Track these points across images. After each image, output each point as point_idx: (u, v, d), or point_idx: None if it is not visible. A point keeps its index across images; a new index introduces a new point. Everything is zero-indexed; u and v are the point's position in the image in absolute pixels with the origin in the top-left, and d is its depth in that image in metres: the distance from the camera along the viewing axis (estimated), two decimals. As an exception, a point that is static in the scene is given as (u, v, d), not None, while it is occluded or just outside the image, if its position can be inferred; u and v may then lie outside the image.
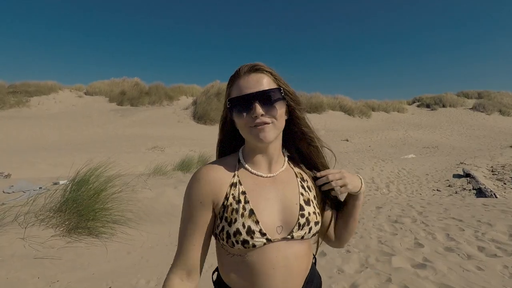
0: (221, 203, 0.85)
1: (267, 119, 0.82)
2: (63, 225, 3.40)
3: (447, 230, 3.75)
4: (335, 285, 2.55)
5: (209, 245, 0.88)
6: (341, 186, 0.92)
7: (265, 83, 0.84)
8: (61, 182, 5.06)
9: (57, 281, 2.57)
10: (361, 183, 0.99)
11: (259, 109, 0.80)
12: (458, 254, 3.04)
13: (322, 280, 1.02)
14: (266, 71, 0.86)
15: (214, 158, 1.01)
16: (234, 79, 0.87)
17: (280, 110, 0.84)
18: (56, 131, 14.80)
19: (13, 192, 4.66)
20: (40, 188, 4.76)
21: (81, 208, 3.51)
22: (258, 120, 0.81)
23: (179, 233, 0.88)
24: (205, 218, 0.85)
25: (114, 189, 4.04)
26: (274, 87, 0.85)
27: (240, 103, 0.83)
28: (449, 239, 3.46)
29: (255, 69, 0.85)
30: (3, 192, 4.67)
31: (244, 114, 0.82)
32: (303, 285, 0.88)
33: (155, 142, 13.40)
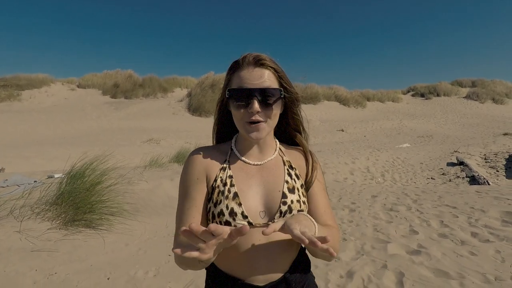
0: (211, 184, 0.89)
1: (262, 117, 0.84)
2: (60, 218, 3.39)
3: (441, 217, 3.81)
4: (331, 273, 2.58)
5: (207, 224, 0.89)
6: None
7: (267, 80, 0.85)
8: (56, 175, 5.03)
9: (55, 273, 2.57)
10: (314, 226, 0.80)
11: (256, 106, 0.82)
12: (452, 240, 3.09)
13: (319, 267, 1.03)
14: (271, 67, 0.86)
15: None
16: (236, 67, 0.87)
17: (276, 110, 0.87)
18: (49, 125, 14.63)
19: (8, 186, 4.61)
20: (35, 181, 4.73)
21: (77, 201, 3.50)
22: (253, 117, 0.83)
23: (176, 213, 0.91)
24: (202, 194, 0.89)
25: (110, 182, 4.02)
26: (275, 86, 0.86)
27: (239, 96, 0.84)
28: (443, 225, 3.52)
29: (260, 63, 0.85)
30: (-3, 186, 4.63)
31: (241, 107, 0.84)
32: (288, 269, 0.90)
33: (150, 134, 13.33)
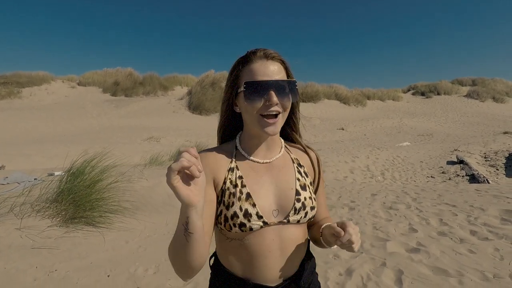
0: (220, 187, 0.86)
1: (279, 109, 0.83)
2: (60, 215, 3.40)
3: (441, 215, 3.82)
4: (331, 270, 2.59)
5: (213, 225, 0.86)
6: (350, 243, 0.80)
7: (280, 73, 0.84)
8: (56, 173, 5.04)
9: (55, 270, 2.58)
10: None
11: (275, 98, 0.81)
12: (451, 238, 3.10)
13: (318, 265, 1.05)
14: (280, 60, 0.86)
15: (210, 147, 1.00)
16: (246, 62, 0.85)
17: (291, 101, 0.85)
18: (49, 122, 14.64)
19: (8, 183, 4.63)
20: (35, 179, 4.74)
21: (78, 199, 3.51)
22: (272, 108, 0.81)
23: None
24: (209, 195, 0.84)
25: (110, 180, 4.03)
26: (288, 78, 0.86)
27: (256, 88, 0.81)
28: (442, 224, 3.53)
29: (271, 56, 0.84)
30: (-2, 184, 4.64)
31: (258, 100, 0.81)
32: (299, 267, 0.91)
33: (150, 132, 13.33)
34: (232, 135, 0.98)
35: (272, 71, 0.83)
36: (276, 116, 0.83)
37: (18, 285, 2.35)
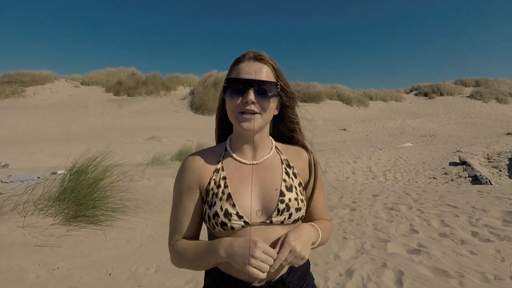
0: (205, 187, 0.90)
1: (256, 109, 0.84)
2: (62, 213, 3.43)
3: (442, 216, 3.81)
4: (331, 271, 2.60)
5: (201, 224, 0.95)
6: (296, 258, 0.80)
7: (265, 74, 0.86)
8: (59, 172, 5.07)
9: (58, 268, 2.60)
10: (319, 235, 0.91)
11: (251, 96, 0.82)
12: (452, 240, 3.10)
13: (319, 265, 1.04)
14: (269, 63, 0.88)
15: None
16: (237, 62, 0.88)
17: (272, 104, 0.87)
18: (53, 121, 14.72)
19: (11, 181, 4.66)
20: (38, 177, 4.77)
21: (80, 197, 3.53)
22: (248, 107, 0.82)
23: (171, 216, 0.95)
24: (194, 202, 0.92)
25: (113, 179, 4.05)
26: (273, 80, 0.87)
27: (236, 86, 0.84)
28: (443, 225, 3.52)
29: (259, 58, 0.87)
30: (1, 181, 4.68)
31: (237, 97, 0.84)
32: (286, 270, 0.91)
33: (152, 132, 13.37)
34: (228, 135, 1.00)
35: (255, 71, 0.84)
36: (254, 113, 0.84)
37: (21, 282, 2.38)
